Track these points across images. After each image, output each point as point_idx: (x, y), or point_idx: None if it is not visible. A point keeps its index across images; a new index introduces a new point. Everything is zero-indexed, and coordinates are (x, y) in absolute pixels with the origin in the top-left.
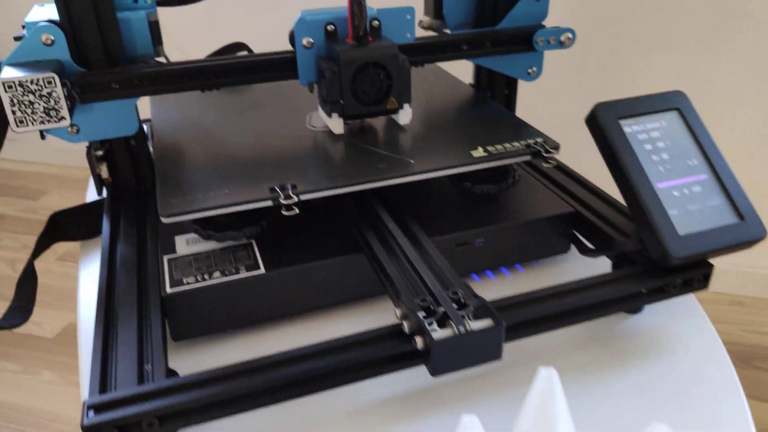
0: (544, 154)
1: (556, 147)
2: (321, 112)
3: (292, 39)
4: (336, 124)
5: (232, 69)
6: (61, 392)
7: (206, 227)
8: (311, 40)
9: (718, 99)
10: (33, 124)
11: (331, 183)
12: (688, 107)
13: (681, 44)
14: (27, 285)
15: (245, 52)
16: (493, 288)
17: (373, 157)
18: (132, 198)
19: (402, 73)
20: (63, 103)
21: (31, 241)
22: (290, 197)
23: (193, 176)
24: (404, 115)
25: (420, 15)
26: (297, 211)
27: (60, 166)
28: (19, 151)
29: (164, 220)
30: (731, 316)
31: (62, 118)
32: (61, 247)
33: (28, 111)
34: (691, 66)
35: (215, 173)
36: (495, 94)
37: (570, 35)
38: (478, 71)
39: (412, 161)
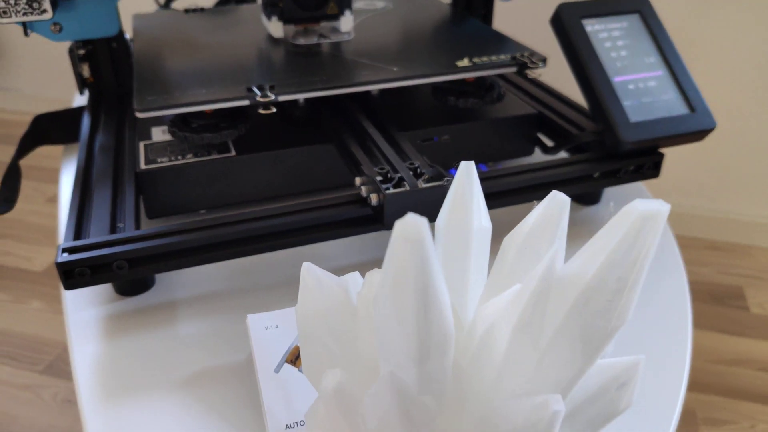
0: (530, 66)
1: (544, 60)
2: (262, 16)
3: None
4: (275, 28)
5: None
6: (49, 319)
7: (183, 129)
8: None
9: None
10: (16, 15)
11: (311, 86)
12: (649, 10)
13: None
14: (11, 180)
15: None
16: None
17: (355, 66)
18: (113, 99)
19: None
20: None
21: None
22: (267, 96)
23: (171, 78)
24: (345, 22)
25: None
26: (274, 110)
27: None
28: (11, 103)
29: (139, 114)
30: (707, 260)
31: (44, 10)
32: (50, 190)
33: (11, 2)
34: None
35: (194, 77)
36: (472, 12)
37: None
38: None
39: (396, 69)
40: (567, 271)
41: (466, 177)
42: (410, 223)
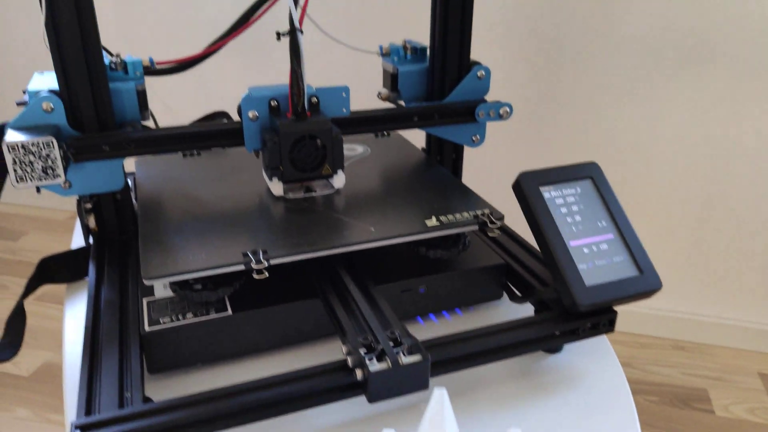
0: (490, 225)
1: (501, 218)
2: (264, 175)
3: (240, 111)
4: (276, 187)
5: (195, 136)
6: (35, 428)
7: (184, 287)
8: (256, 114)
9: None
10: (31, 181)
11: (298, 249)
12: (600, 176)
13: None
14: (16, 323)
15: (224, 120)
16: (433, 329)
17: (337, 224)
18: (115, 245)
19: (335, 144)
20: (59, 163)
21: (11, 280)
22: (261, 262)
23: (172, 239)
24: (338, 180)
25: (379, 87)
26: (267, 275)
27: (38, 207)
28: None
29: (146, 282)
30: (673, 360)
31: (58, 176)
32: (40, 289)
33: (28, 169)
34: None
35: (193, 236)
36: (443, 158)
37: (508, 109)
38: (429, 138)
39: (373, 229)
40: None
41: (440, 404)
42: None
